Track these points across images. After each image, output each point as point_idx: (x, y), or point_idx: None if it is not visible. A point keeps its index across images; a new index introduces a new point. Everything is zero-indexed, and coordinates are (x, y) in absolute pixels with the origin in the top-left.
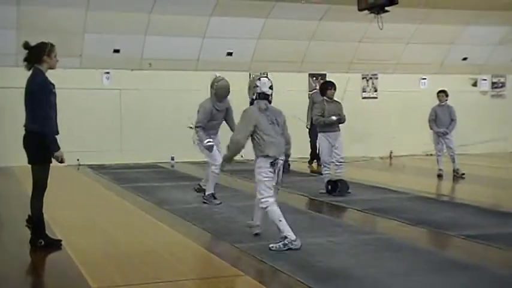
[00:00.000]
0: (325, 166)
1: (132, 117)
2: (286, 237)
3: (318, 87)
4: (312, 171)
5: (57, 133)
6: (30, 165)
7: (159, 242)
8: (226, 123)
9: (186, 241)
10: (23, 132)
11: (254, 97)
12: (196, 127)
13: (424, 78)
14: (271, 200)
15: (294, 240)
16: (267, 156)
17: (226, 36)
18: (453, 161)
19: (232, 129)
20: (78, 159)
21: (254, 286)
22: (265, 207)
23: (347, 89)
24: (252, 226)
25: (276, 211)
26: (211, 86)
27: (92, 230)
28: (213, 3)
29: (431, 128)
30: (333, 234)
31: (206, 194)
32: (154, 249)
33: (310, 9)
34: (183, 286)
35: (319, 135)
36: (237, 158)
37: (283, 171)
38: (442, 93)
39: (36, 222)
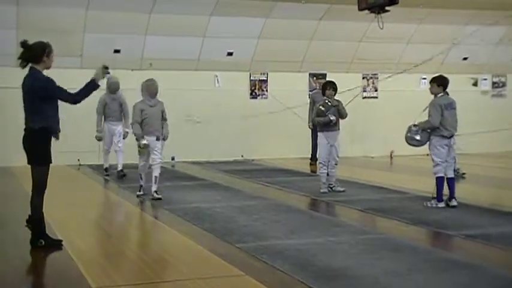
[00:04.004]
0: (323, 165)
1: None
2: (142, 186)
3: (318, 87)
4: (312, 171)
5: (59, 131)
6: (30, 166)
7: (159, 242)
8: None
9: (186, 241)
10: (23, 133)
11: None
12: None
13: (425, 78)
14: (144, 162)
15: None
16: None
17: (226, 36)
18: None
19: (125, 116)
20: (78, 159)
21: (254, 286)
22: (141, 166)
23: None
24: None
25: (144, 168)
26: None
27: (92, 230)
28: (213, 3)
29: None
30: (333, 233)
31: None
32: (154, 249)
33: (311, 9)
34: (183, 286)
35: (319, 134)
36: (237, 158)
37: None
38: None
39: (36, 222)
